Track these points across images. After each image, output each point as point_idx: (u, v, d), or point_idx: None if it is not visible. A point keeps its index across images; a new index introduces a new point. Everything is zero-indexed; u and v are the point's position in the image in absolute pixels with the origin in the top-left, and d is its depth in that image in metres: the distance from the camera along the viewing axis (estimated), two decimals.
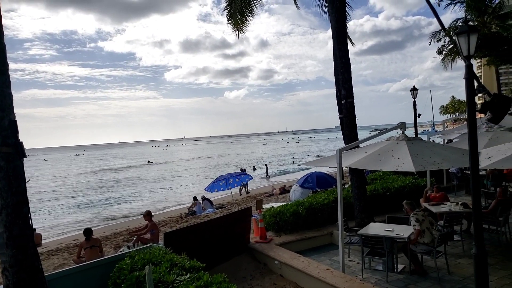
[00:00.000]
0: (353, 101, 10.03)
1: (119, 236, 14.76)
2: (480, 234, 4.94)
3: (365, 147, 8.05)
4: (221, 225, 8.20)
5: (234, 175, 15.65)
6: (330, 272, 6.91)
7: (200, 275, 5.00)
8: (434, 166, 6.61)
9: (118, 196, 33.46)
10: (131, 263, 5.78)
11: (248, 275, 7.96)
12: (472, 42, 4.69)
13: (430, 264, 7.56)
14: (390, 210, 10.86)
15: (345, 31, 10.29)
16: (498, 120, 4.72)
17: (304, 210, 9.90)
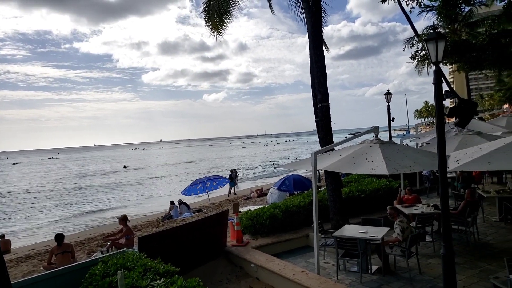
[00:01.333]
0: (329, 105, 10.18)
1: (93, 241, 14.43)
2: (448, 235, 5.11)
3: (340, 150, 8.18)
4: (196, 229, 8.13)
5: (211, 178, 15.57)
6: (305, 274, 6.97)
7: (174, 280, 4.95)
8: (406, 169, 6.79)
9: (92, 200, 32.67)
10: (103, 268, 5.65)
11: (224, 278, 7.93)
12: (440, 48, 4.86)
13: (402, 264, 7.74)
14: (365, 212, 11.07)
15: (320, 35, 10.46)
16: (465, 124, 4.91)
17: (281, 212, 9.96)
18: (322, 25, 12.70)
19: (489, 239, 9.37)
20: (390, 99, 16.39)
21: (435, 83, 4.90)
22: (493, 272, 7.14)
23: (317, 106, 10.55)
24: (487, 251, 8.53)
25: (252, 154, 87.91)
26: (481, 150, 6.36)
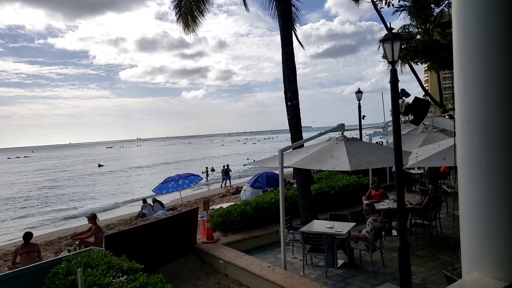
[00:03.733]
0: (298, 103, 10.33)
1: (63, 240, 14.16)
2: (403, 229, 5.32)
3: (307, 148, 8.34)
4: (165, 227, 8.14)
5: (183, 176, 15.51)
6: (272, 269, 7.09)
7: (137, 277, 4.96)
8: (369, 165, 7.00)
9: (64, 199, 31.94)
10: (67, 267, 5.60)
11: (193, 275, 7.96)
12: (396, 48, 5.05)
13: (368, 258, 7.96)
14: (335, 208, 11.30)
15: (290, 34, 10.57)
16: (419, 122, 5.12)
17: (252, 209, 10.05)
18: (294, 24, 12.86)
19: (451, 232, 9.74)
20: (361, 97, 16.78)
21: (391, 81, 5.09)
22: (451, 264, 7.45)
23: (287, 105, 10.68)
24: (448, 244, 8.87)
25: (230, 151, 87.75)
26: (439, 147, 6.63)
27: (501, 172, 1.37)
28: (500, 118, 1.36)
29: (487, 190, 1.40)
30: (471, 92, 1.45)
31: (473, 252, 1.48)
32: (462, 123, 1.50)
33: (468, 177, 1.48)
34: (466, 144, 1.48)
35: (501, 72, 1.36)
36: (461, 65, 1.49)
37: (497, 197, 1.38)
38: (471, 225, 1.48)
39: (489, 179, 1.40)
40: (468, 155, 1.48)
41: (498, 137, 1.37)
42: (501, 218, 1.38)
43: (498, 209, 1.38)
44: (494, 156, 1.38)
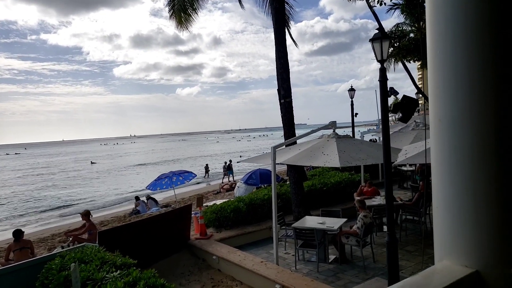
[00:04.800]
0: (291, 101, 10.42)
1: (57, 237, 14.18)
2: (392, 224, 5.45)
3: (299, 145, 8.45)
4: (159, 223, 8.21)
5: (177, 173, 15.56)
6: (264, 264, 7.20)
7: (130, 272, 5.03)
8: (359, 162, 7.13)
9: (59, 196, 31.83)
10: (60, 262, 5.66)
11: (187, 271, 8.05)
12: (385, 47, 5.15)
13: (359, 253, 8.10)
14: (327, 204, 11.44)
15: (284, 32, 10.65)
16: (407, 119, 5.24)
17: (245, 206, 10.15)
18: (288, 22, 12.94)
19: None
20: (354, 95, 16.93)
21: (380, 80, 5.19)
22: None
23: (281, 102, 10.77)
24: None
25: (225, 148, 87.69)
26: (428, 144, 6.77)
27: (468, 168, 1.46)
28: (467, 117, 1.45)
29: (456, 185, 1.50)
30: (442, 92, 1.54)
31: (444, 242, 1.58)
32: (434, 122, 1.59)
33: (439, 172, 1.58)
34: (438, 141, 1.58)
35: (469, 74, 1.46)
36: (433, 66, 1.58)
37: (464, 191, 1.48)
38: (441, 217, 1.58)
39: (458, 175, 1.49)
40: (439, 152, 1.57)
41: (466, 135, 1.46)
42: (468, 211, 1.47)
43: (465, 203, 1.48)
44: (462, 153, 1.47)
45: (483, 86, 1.43)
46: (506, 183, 1.46)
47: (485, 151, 1.44)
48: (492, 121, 1.43)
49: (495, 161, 1.44)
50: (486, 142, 1.44)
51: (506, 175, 1.46)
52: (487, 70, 1.44)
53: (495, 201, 1.45)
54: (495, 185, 1.45)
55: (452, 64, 1.49)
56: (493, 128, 1.43)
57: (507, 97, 1.47)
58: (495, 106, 1.44)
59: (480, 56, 1.44)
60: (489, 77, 1.44)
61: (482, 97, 1.43)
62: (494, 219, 1.45)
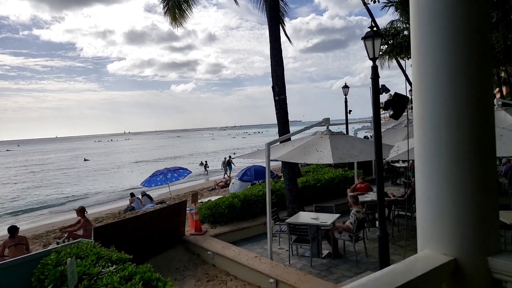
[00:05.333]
0: (286, 98, 10.51)
1: (51, 233, 14.19)
2: (383, 219, 5.57)
3: (293, 141, 8.54)
4: (154, 219, 8.27)
5: (172, 169, 15.61)
6: (258, 259, 7.30)
7: (126, 266, 5.11)
8: (351, 159, 7.24)
9: (53, 193, 31.73)
10: (56, 258, 5.71)
11: (182, 266, 8.13)
12: (377, 45, 5.25)
13: (352, 248, 8.23)
14: (321, 200, 11.57)
15: (278, 29, 10.71)
16: (398, 116, 5.34)
17: (239, 202, 10.24)
18: (282, 18, 12.99)
19: None
20: (348, 92, 17.06)
21: (372, 78, 5.29)
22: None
23: (275, 99, 10.85)
24: None
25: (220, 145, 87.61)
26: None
27: (447, 162, 1.55)
28: (447, 114, 1.55)
29: (436, 178, 1.59)
30: (424, 91, 1.63)
31: (425, 232, 1.68)
32: (417, 118, 1.68)
33: (421, 166, 1.67)
34: (420, 137, 1.67)
35: (449, 73, 1.54)
36: (416, 65, 1.67)
37: (444, 185, 1.57)
38: (423, 209, 1.67)
39: (438, 169, 1.59)
40: (422, 147, 1.66)
41: (445, 131, 1.55)
42: (447, 201, 1.57)
43: (444, 195, 1.57)
44: (442, 148, 1.57)
45: (462, 85, 1.53)
46: (483, 177, 1.56)
47: (463, 146, 1.53)
48: (470, 118, 1.53)
49: (473, 156, 1.54)
50: (464, 138, 1.53)
51: (483, 169, 1.56)
52: (466, 70, 1.53)
53: (472, 194, 1.54)
54: (472, 179, 1.54)
55: (433, 64, 1.58)
56: (471, 125, 1.53)
57: (484, 96, 1.57)
58: (473, 104, 1.53)
59: (460, 57, 1.53)
60: (468, 77, 1.53)
61: (461, 95, 1.53)
62: (470, 211, 1.54)
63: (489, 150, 1.59)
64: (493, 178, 1.62)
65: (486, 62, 1.57)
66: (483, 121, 1.56)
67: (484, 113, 1.57)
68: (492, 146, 1.61)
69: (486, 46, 1.58)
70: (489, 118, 1.59)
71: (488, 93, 1.59)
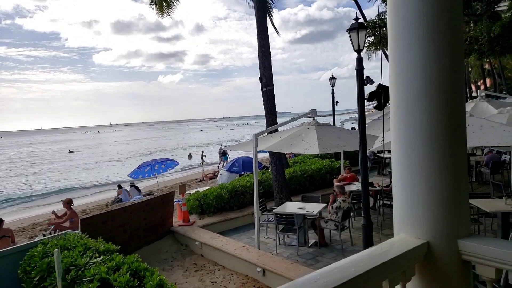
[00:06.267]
0: (273, 89, 10.55)
1: (38, 226, 14.08)
2: (367, 208, 5.70)
3: (280, 132, 8.62)
4: (141, 210, 8.28)
5: (159, 161, 15.57)
6: (246, 249, 7.40)
7: (113, 257, 5.14)
8: (337, 149, 7.35)
9: (38, 184, 31.33)
10: (43, 249, 5.71)
11: (170, 256, 8.19)
12: (361, 37, 5.31)
13: (337, 237, 8.39)
14: (308, 190, 11.73)
15: (265, 20, 10.70)
16: (381, 108, 5.42)
17: (227, 193, 10.32)
18: (270, 9, 12.96)
19: None
20: (334, 83, 17.18)
21: (357, 69, 5.37)
22: None
23: (262, 90, 10.88)
24: None
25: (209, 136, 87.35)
26: None
27: (421, 150, 1.63)
28: (420, 104, 1.61)
29: (411, 166, 1.67)
30: (399, 82, 1.70)
31: (401, 217, 1.75)
32: (393, 108, 1.75)
33: (397, 154, 1.74)
34: (396, 126, 1.74)
35: (423, 65, 1.61)
36: (392, 57, 1.73)
37: (417, 171, 1.65)
38: (399, 195, 1.75)
39: (412, 156, 1.66)
40: (397, 136, 1.73)
41: (419, 121, 1.62)
42: (421, 189, 1.64)
43: (417, 181, 1.65)
44: (415, 137, 1.64)
45: (434, 77, 1.59)
46: (454, 165, 1.64)
47: (435, 136, 1.60)
48: (442, 108, 1.60)
49: (444, 145, 1.61)
50: (436, 127, 1.60)
51: (454, 158, 1.63)
52: (438, 62, 1.60)
53: (444, 180, 1.62)
54: (444, 167, 1.62)
55: (408, 57, 1.64)
56: (442, 114, 1.60)
57: (455, 86, 1.64)
58: (444, 94, 1.60)
59: (433, 50, 1.59)
60: (440, 69, 1.60)
61: (433, 86, 1.59)
62: (442, 197, 1.62)
63: (460, 139, 1.67)
64: (464, 166, 1.70)
65: (458, 53, 1.64)
66: (454, 111, 1.63)
67: (456, 103, 1.64)
68: (463, 136, 1.69)
69: (458, 36, 1.64)
70: (460, 108, 1.66)
71: (460, 84, 1.66)
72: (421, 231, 1.66)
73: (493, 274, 1.57)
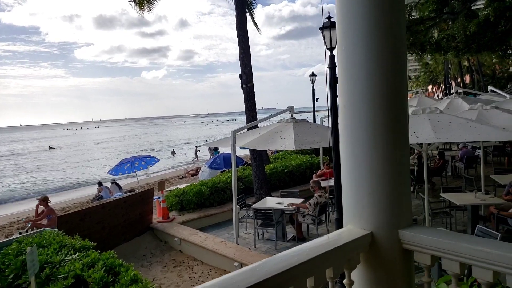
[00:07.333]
0: (253, 86, 10.62)
1: (15, 224, 13.85)
2: (340, 202, 5.83)
3: (259, 129, 8.71)
4: (120, 207, 8.27)
5: (139, 157, 15.47)
6: (224, 244, 7.49)
7: (89, 254, 5.15)
8: (313, 145, 7.49)
9: (16, 183, 30.70)
10: (17, 247, 5.66)
11: (149, 253, 8.22)
12: (334, 36, 5.42)
13: (314, 231, 8.54)
14: (288, 185, 11.87)
15: (245, 17, 10.75)
16: None
17: (207, 189, 10.36)
18: (251, 6, 13.00)
19: None
20: (315, 80, 17.38)
21: (329, 67, 5.49)
22: None
23: (242, 87, 10.94)
24: None
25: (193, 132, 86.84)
26: None
27: (365, 145, 1.73)
28: (364, 103, 1.72)
29: (356, 160, 1.77)
30: (346, 82, 1.79)
31: (348, 209, 1.86)
32: (341, 107, 1.85)
33: (344, 149, 1.84)
34: (343, 123, 1.84)
35: (367, 67, 1.71)
36: (340, 59, 1.83)
37: (362, 166, 1.75)
38: (347, 188, 1.85)
39: (357, 151, 1.76)
40: (344, 133, 1.83)
41: (362, 118, 1.72)
42: (364, 182, 1.75)
43: (363, 175, 1.75)
44: (360, 133, 1.74)
45: (377, 77, 1.70)
46: (396, 159, 1.75)
47: (378, 132, 1.71)
48: (385, 106, 1.70)
49: (387, 140, 1.72)
50: (379, 124, 1.71)
51: (396, 153, 1.75)
52: (381, 61, 1.70)
53: (387, 174, 1.73)
54: (386, 162, 1.73)
55: (353, 59, 1.75)
56: (385, 112, 1.71)
57: (397, 85, 1.75)
58: (387, 93, 1.71)
59: (375, 50, 1.70)
60: (383, 68, 1.70)
61: (376, 86, 1.70)
62: (384, 190, 1.73)
63: (402, 135, 1.78)
64: (406, 161, 1.81)
65: (401, 52, 1.75)
66: (397, 109, 1.74)
67: (398, 101, 1.75)
68: (405, 132, 1.80)
69: (400, 36, 1.75)
70: (402, 105, 1.77)
71: (402, 82, 1.76)
72: (366, 222, 1.77)
73: (429, 261, 1.69)
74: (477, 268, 1.52)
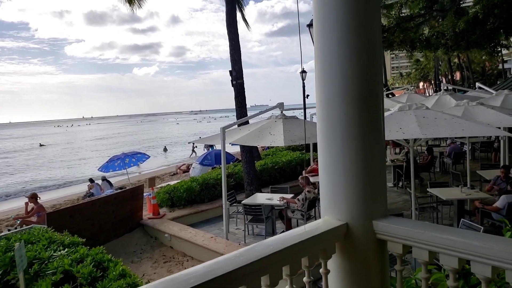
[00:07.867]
0: (243, 82, 10.66)
1: (4, 222, 13.79)
2: None
3: (249, 125, 8.76)
4: (110, 204, 8.29)
5: (129, 154, 15.44)
6: (214, 239, 7.56)
7: (78, 249, 5.17)
8: (302, 141, 7.56)
9: (6, 181, 30.43)
10: (6, 244, 5.66)
11: (139, 249, 8.25)
12: None
13: None
14: (279, 182, 11.94)
15: (235, 13, 10.76)
16: None
17: (198, 185, 10.40)
18: (241, 2, 13.01)
19: None
20: (305, 76, 17.45)
21: None
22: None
23: (233, 84, 10.98)
24: None
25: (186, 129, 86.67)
26: None
27: (340, 139, 1.79)
28: (338, 99, 1.78)
29: (331, 154, 1.84)
30: (321, 79, 1.85)
31: (325, 201, 1.92)
32: (317, 102, 1.91)
33: (321, 144, 1.90)
34: (320, 118, 1.90)
35: (340, 64, 1.77)
36: (316, 57, 1.89)
37: (338, 159, 1.81)
38: (324, 181, 1.92)
39: (333, 145, 1.83)
40: (321, 127, 1.89)
41: (337, 114, 1.78)
42: (340, 174, 1.82)
43: (338, 168, 1.82)
44: (335, 128, 1.80)
45: (349, 75, 1.76)
46: (371, 152, 1.81)
47: (353, 124, 1.77)
48: (356, 102, 1.76)
49: (362, 133, 1.78)
50: (353, 118, 1.77)
51: (371, 145, 1.81)
52: (355, 57, 1.76)
53: (361, 167, 1.80)
54: (361, 154, 1.79)
55: (328, 56, 1.80)
56: (357, 108, 1.77)
57: (371, 80, 1.81)
58: (359, 90, 1.77)
59: (349, 51, 1.76)
60: (357, 64, 1.76)
61: (350, 83, 1.76)
62: (359, 183, 1.80)
63: (377, 129, 1.84)
64: (381, 155, 1.88)
65: (375, 46, 1.80)
66: (371, 103, 1.80)
67: (372, 96, 1.81)
68: (380, 126, 1.86)
69: (375, 33, 1.81)
70: (377, 100, 1.83)
71: (377, 77, 1.83)
72: (341, 213, 1.84)
73: (400, 250, 1.77)
74: (444, 255, 1.59)
